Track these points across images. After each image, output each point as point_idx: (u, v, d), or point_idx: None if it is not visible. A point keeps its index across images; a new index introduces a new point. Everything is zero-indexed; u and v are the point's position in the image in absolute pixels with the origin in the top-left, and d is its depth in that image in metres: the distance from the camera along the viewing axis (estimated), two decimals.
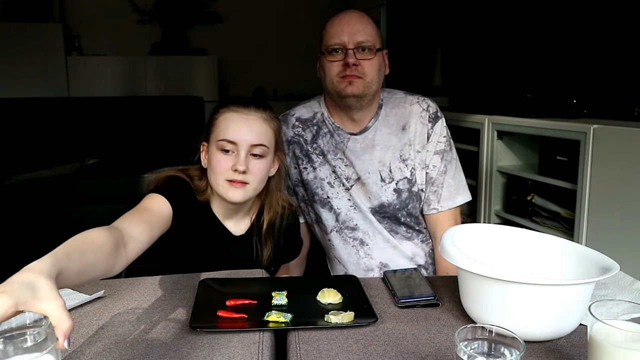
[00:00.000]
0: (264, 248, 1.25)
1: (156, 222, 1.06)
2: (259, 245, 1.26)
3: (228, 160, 1.14)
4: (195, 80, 5.05)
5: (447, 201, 1.46)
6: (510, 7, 2.51)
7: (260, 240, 1.26)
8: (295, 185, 1.51)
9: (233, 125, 1.15)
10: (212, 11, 5.20)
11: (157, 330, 0.86)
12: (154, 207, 1.09)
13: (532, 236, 0.99)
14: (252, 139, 1.15)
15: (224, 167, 1.14)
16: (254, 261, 1.26)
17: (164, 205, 1.11)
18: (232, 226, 1.25)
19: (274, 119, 1.21)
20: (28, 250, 0.72)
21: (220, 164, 1.15)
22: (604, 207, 1.69)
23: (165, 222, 1.10)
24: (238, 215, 1.25)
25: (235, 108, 1.17)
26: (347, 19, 1.37)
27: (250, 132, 1.15)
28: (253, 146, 1.15)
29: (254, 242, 1.26)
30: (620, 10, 2.00)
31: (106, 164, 3.26)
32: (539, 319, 0.80)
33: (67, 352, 0.78)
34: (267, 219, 1.25)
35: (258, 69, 5.37)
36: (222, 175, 1.14)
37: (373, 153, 1.43)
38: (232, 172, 1.14)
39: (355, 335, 0.84)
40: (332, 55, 1.37)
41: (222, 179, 1.15)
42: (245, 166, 1.13)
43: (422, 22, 3.45)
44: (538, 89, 2.23)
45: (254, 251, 1.26)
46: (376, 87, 1.39)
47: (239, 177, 1.14)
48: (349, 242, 1.47)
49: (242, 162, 1.13)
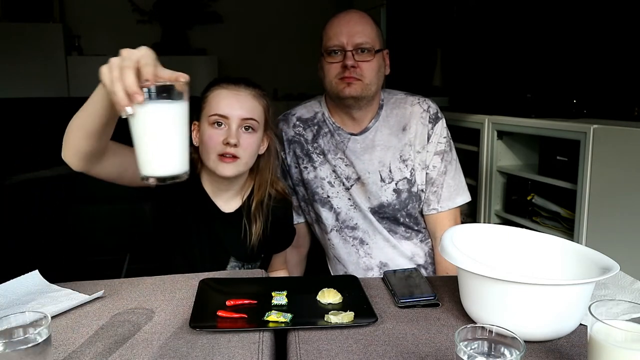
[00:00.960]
0: (252, 225, 1.27)
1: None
2: (248, 225, 1.27)
3: (220, 135, 1.17)
4: (195, 80, 4.95)
5: (447, 201, 1.46)
6: (510, 7, 2.51)
7: (249, 218, 1.27)
8: (295, 185, 1.51)
9: (224, 100, 1.19)
10: (212, 11, 5.20)
11: (157, 330, 0.86)
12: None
13: (532, 236, 0.99)
14: (242, 113, 1.18)
15: (215, 141, 1.17)
16: (242, 241, 1.27)
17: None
18: (222, 204, 1.27)
19: (264, 97, 1.25)
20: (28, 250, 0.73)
21: (212, 138, 1.18)
22: (604, 207, 1.69)
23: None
24: (229, 193, 1.27)
25: (226, 85, 1.21)
26: (347, 20, 1.37)
27: (240, 107, 1.19)
28: (244, 120, 1.18)
29: (243, 222, 1.27)
30: (620, 10, 2.00)
31: None
32: (539, 319, 0.80)
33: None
34: (256, 198, 1.28)
35: (258, 69, 5.35)
36: (214, 150, 1.17)
37: (373, 153, 1.43)
38: (223, 145, 1.16)
39: (355, 335, 0.84)
40: (331, 57, 1.37)
41: (213, 154, 1.17)
42: (237, 139, 1.16)
43: (422, 22, 3.45)
44: (538, 89, 2.23)
45: (242, 230, 1.27)
46: (375, 88, 1.38)
47: (231, 150, 1.16)
48: (348, 241, 1.47)
49: (233, 135, 1.16)
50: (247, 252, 1.28)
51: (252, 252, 1.28)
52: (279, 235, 1.35)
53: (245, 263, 1.29)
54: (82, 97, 0.86)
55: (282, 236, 1.37)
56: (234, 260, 1.28)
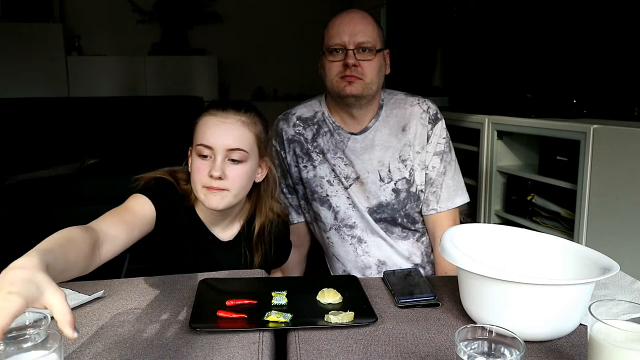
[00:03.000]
0: (254, 254, 1.23)
1: (136, 224, 1.05)
2: (248, 251, 1.23)
3: (205, 166, 1.11)
4: (195, 81, 5.05)
5: (446, 202, 1.46)
6: (510, 7, 2.51)
7: (250, 246, 1.23)
8: (295, 184, 1.51)
9: (210, 129, 1.11)
10: (212, 11, 5.20)
11: (156, 330, 0.86)
12: (136, 208, 1.08)
13: (532, 236, 0.99)
14: (228, 142, 1.11)
15: (202, 172, 1.11)
16: (242, 267, 1.23)
17: (146, 206, 1.09)
18: (219, 232, 1.22)
19: (257, 123, 1.16)
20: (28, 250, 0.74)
21: (198, 170, 1.11)
22: (604, 207, 1.69)
23: (147, 223, 1.09)
24: (225, 221, 1.22)
25: (214, 112, 1.14)
26: (349, 19, 1.37)
27: (226, 136, 1.11)
28: (230, 151, 1.11)
29: (242, 248, 1.23)
30: (620, 10, 2.00)
31: (106, 164, 3.26)
32: (539, 319, 0.80)
33: (75, 342, 0.78)
34: (258, 225, 1.22)
35: (258, 69, 5.37)
36: (200, 182, 1.11)
37: (373, 153, 1.43)
38: (208, 178, 1.10)
39: (355, 335, 0.84)
40: (332, 55, 1.37)
41: (200, 186, 1.11)
42: (221, 172, 1.09)
43: (422, 22, 3.45)
44: (538, 89, 2.23)
45: (242, 257, 1.23)
46: (376, 87, 1.39)
47: (215, 184, 1.10)
48: (347, 240, 1.47)
49: (217, 168, 1.09)
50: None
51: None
52: (278, 254, 1.32)
53: None
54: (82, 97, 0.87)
55: (281, 254, 1.35)
56: None
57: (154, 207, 1.10)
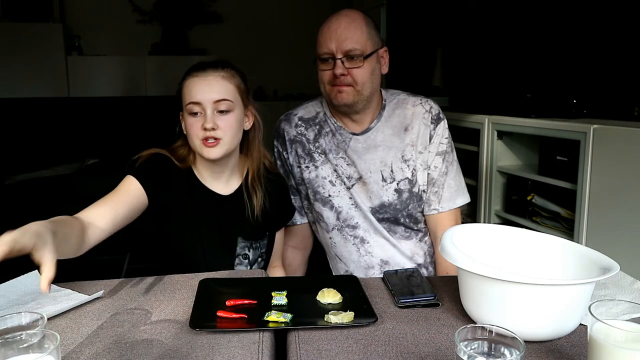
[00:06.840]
0: (252, 196, 1.31)
1: (120, 201, 1.17)
2: (249, 201, 1.31)
3: (198, 122, 1.21)
4: None
5: (448, 202, 1.46)
6: (510, 7, 2.51)
7: (249, 193, 1.31)
8: (298, 184, 1.51)
9: (195, 87, 1.22)
10: (212, 11, 5.20)
11: (157, 330, 0.86)
12: (120, 188, 1.20)
13: (532, 236, 0.99)
14: (213, 96, 1.21)
15: (196, 128, 1.21)
16: (246, 219, 1.30)
17: (133, 186, 1.20)
18: (221, 188, 1.31)
19: (234, 76, 1.26)
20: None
21: (192, 126, 1.22)
22: (604, 207, 1.69)
23: (135, 198, 1.20)
24: (225, 175, 1.30)
25: (195, 73, 1.24)
26: (336, 26, 1.35)
27: (211, 91, 1.21)
28: (217, 102, 1.21)
29: (244, 200, 1.31)
30: (620, 10, 2.00)
31: (106, 164, 3.27)
32: (539, 319, 0.80)
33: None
34: (251, 170, 1.32)
35: (258, 69, 5.35)
36: (196, 137, 1.21)
37: (375, 153, 1.43)
38: (202, 131, 1.20)
39: (355, 335, 0.84)
40: (323, 64, 1.37)
41: (197, 141, 1.21)
42: (213, 123, 1.20)
43: (422, 22, 3.45)
44: (538, 89, 2.23)
45: (245, 208, 1.30)
46: (370, 91, 1.38)
47: (211, 134, 1.20)
48: (349, 240, 1.47)
49: (209, 120, 1.20)
50: (252, 228, 1.31)
51: (258, 226, 1.31)
52: (279, 209, 1.39)
53: (253, 241, 1.32)
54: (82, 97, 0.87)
55: (281, 210, 1.41)
56: (242, 240, 1.31)
57: (142, 185, 1.21)
